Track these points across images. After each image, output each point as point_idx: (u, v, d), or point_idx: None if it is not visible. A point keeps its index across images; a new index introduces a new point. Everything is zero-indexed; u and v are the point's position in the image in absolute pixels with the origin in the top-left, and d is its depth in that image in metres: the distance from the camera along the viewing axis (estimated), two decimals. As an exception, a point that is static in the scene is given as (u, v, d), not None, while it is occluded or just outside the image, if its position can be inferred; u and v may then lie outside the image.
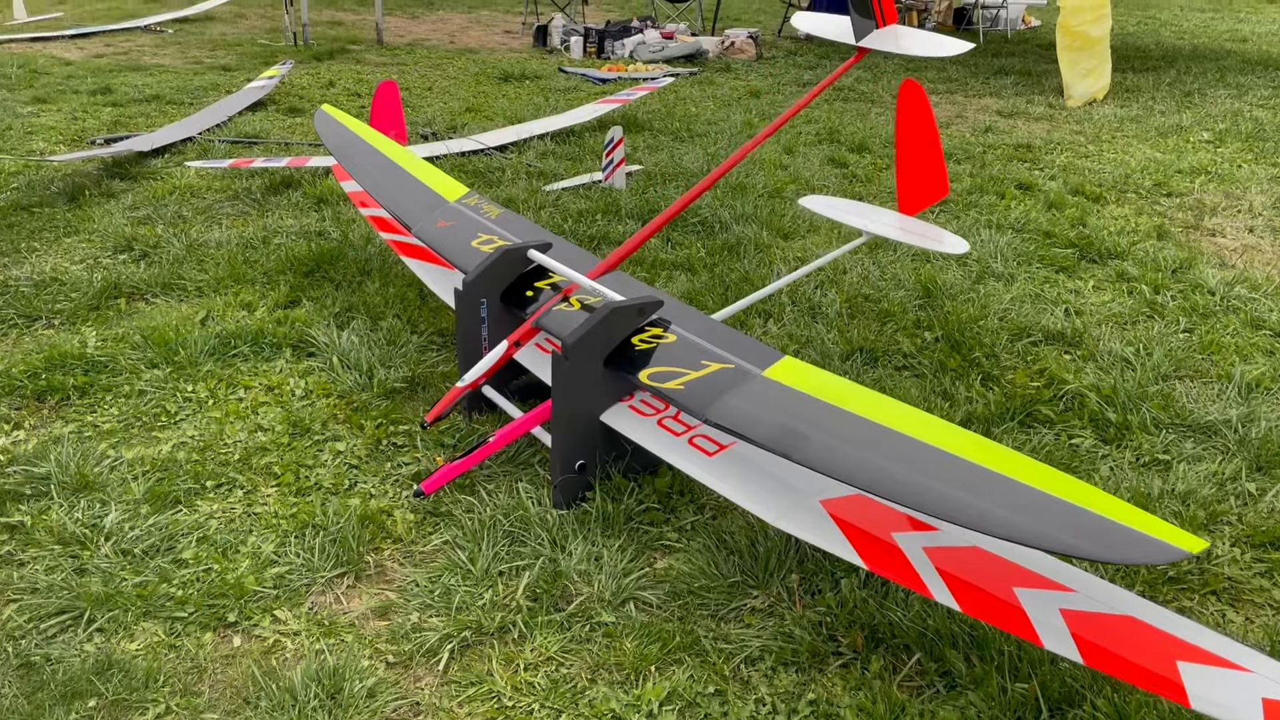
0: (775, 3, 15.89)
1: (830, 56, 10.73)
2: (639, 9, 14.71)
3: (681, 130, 7.11)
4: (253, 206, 5.25)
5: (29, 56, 8.92)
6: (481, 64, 9.75)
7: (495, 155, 6.26)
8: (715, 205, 5.29)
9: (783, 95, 8.58)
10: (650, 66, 9.81)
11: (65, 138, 6.41)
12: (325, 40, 10.65)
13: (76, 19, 11.44)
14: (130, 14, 11.88)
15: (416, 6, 14.16)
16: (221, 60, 9.24)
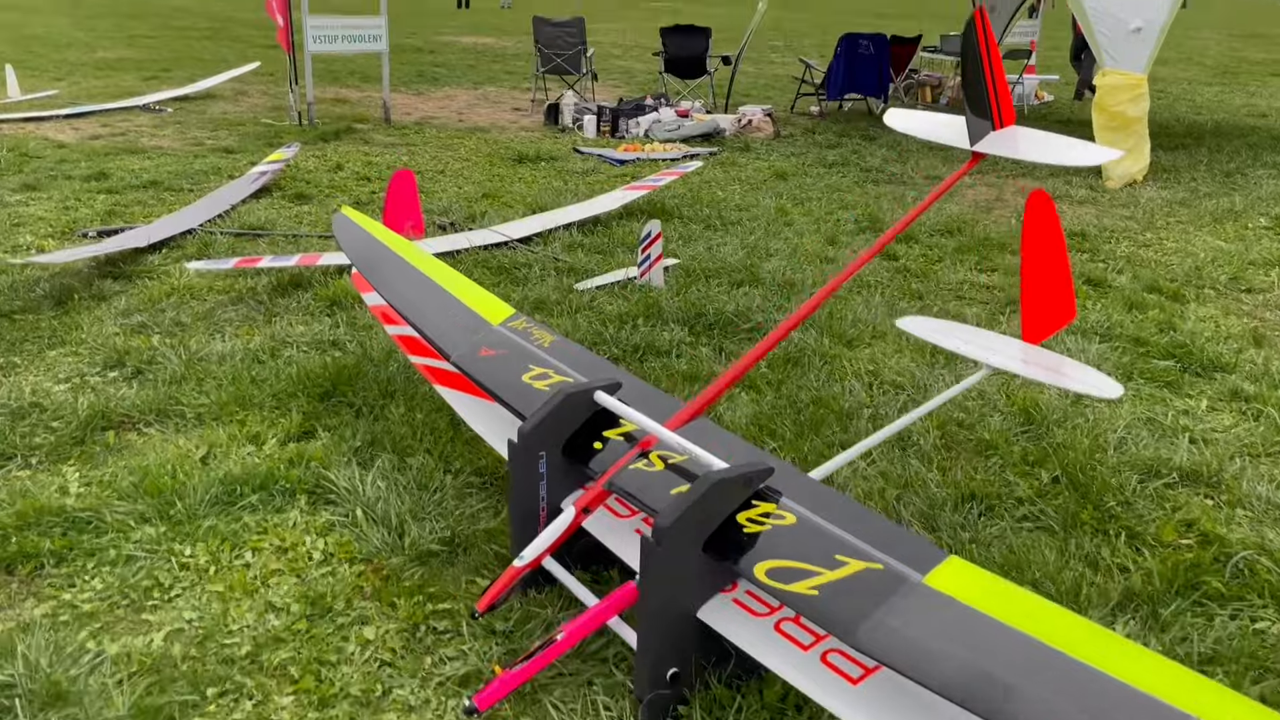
0: (784, 78, 15.71)
1: (849, 134, 10.40)
2: (646, 85, 14.47)
3: (713, 217, 6.68)
4: (259, 310, 4.75)
5: (20, 138, 8.48)
6: (494, 144, 9.37)
7: (519, 248, 5.79)
8: (767, 307, 4.81)
9: (810, 177, 8.19)
10: (667, 146, 9.45)
11: (55, 229, 5.93)
12: (330, 119, 10.28)
13: (72, 97, 11.06)
14: (128, 91, 11.52)
15: (421, 83, 13.87)
16: (223, 141, 8.82)
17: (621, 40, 22.88)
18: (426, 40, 20.60)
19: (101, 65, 14.19)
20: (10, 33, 18.72)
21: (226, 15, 25.96)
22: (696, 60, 12.18)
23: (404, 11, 31.17)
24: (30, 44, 16.74)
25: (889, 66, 11.81)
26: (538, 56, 12.00)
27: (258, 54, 16.24)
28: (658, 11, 36.81)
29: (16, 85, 10.89)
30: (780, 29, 27.57)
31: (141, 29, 20.79)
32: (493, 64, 16.91)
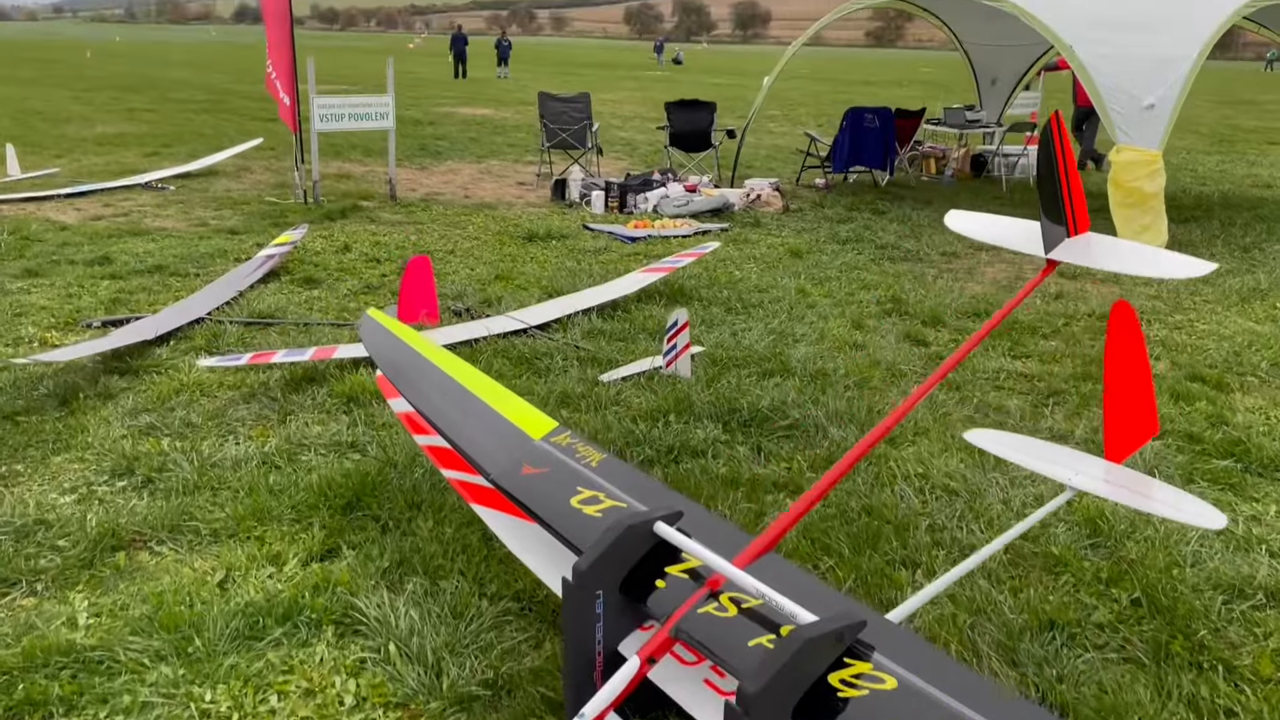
0: (785, 149, 15.77)
1: (858, 207, 10.35)
2: (649, 157, 14.50)
3: (732, 299, 6.55)
4: (272, 408, 4.56)
5: (22, 220, 8.35)
6: (502, 221, 9.28)
7: (539, 336, 5.63)
8: (802, 400, 4.64)
9: (825, 255, 8.09)
10: (677, 222, 9.37)
11: (59, 319, 5.75)
12: (335, 195, 10.20)
13: (73, 175, 10.98)
14: (130, 168, 11.45)
15: (424, 157, 13.86)
16: (228, 222, 8.71)
17: (619, 111, 23.07)
18: (426, 112, 20.73)
19: (102, 141, 14.17)
20: (10, 107, 18.78)
21: (225, 88, 26.18)
22: (701, 134, 12.19)
23: (401, 82, 31.56)
24: (30, 119, 16.76)
25: (894, 139, 11.83)
26: (543, 131, 12.00)
27: (258, 128, 16.28)
28: (652, 82, 37.35)
29: (17, 163, 10.81)
30: (776, 98, 27.82)
31: (141, 102, 20.89)
32: (494, 136, 16.97)
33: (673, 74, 46.92)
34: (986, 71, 13.51)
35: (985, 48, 13.12)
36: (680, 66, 56.31)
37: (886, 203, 10.78)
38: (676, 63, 58.82)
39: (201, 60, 44.85)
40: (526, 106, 22.77)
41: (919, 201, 10.92)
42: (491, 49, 37.96)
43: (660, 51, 61.06)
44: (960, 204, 10.84)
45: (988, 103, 13.56)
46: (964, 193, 11.62)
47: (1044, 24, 8.52)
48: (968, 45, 13.39)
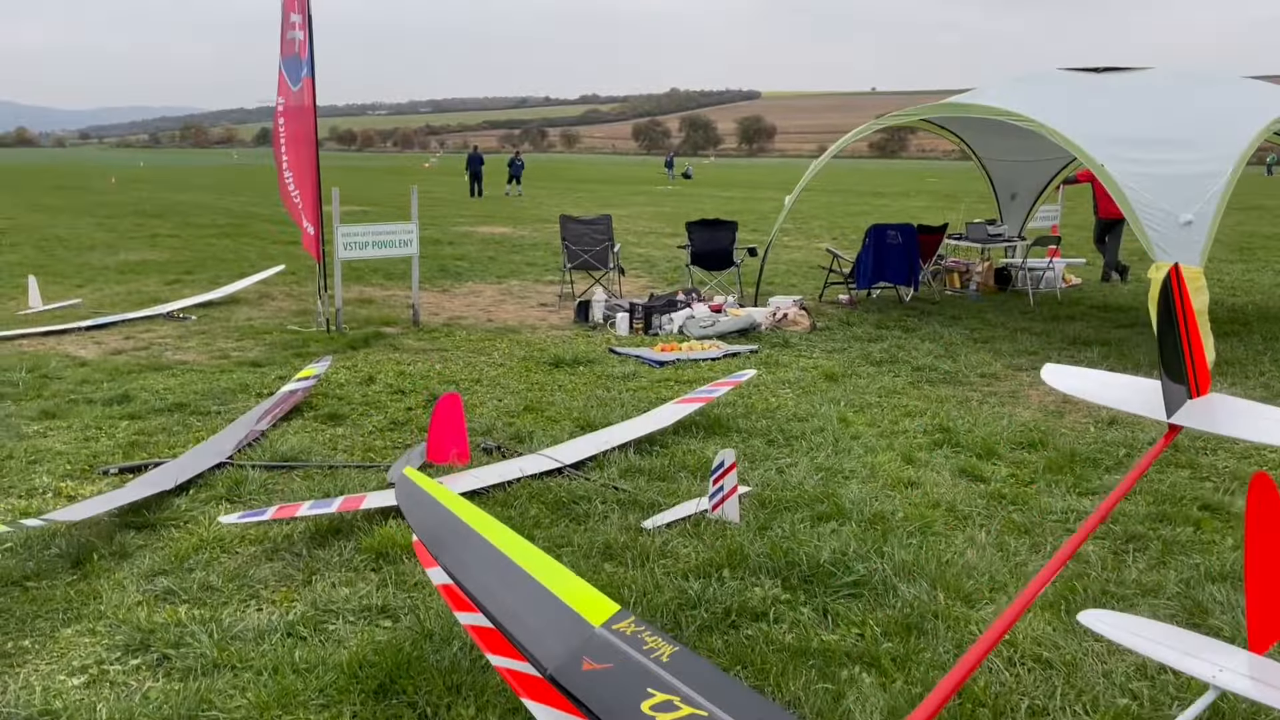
0: (803, 264, 15.73)
1: (887, 325, 10.17)
2: (668, 274, 14.46)
3: (772, 430, 6.28)
4: (296, 566, 4.26)
5: (40, 356, 8.21)
6: (527, 346, 9.10)
7: (574, 475, 5.36)
8: (864, 551, 4.32)
9: (861, 378, 7.84)
10: (705, 344, 9.18)
11: (75, 466, 5.51)
12: (357, 322, 10.08)
13: (95, 305, 10.93)
14: (151, 298, 11.41)
15: (444, 278, 13.84)
16: (250, 353, 8.55)
17: (634, 226, 23.26)
18: (444, 231, 20.93)
19: (124, 269, 14.22)
20: (35, 235, 19.02)
21: (246, 211, 26.63)
22: (723, 253, 12.16)
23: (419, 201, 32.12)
24: (54, 247, 16.92)
25: (918, 255, 11.73)
26: (565, 253, 11.98)
27: (279, 251, 16.39)
28: (663, 196, 37.94)
29: (39, 295, 10.78)
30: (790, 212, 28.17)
31: (163, 228, 21.17)
32: (512, 255, 17.03)
33: (683, 188, 47.78)
34: (1006, 186, 13.51)
35: (1004, 163, 13.16)
36: (690, 180, 57.43)
37: (914, 319, 10.60)
38: (686, 177, 60.00)
39: (223, 183, 45.96)
40: (543, 224, 23.04)
41: (947, 318, 10.74)
42: (505, 166, 38.78)
43: (671, 166, 62.38)
44: (988, 319, 10.71)
45: (1008, 216, 13.53)
46: (990, 307, 11.45)
47: (1073, 142, 8.46)
48: (986, 161, 13.43)
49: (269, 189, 37.90)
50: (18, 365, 7.79)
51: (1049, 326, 10.22)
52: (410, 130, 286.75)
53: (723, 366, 8.30)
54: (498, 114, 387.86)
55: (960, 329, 10.03)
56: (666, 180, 55.90)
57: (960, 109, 10.12)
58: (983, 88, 10.59)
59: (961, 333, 9.82)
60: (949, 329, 10.03)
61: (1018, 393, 7.49)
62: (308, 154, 9.50)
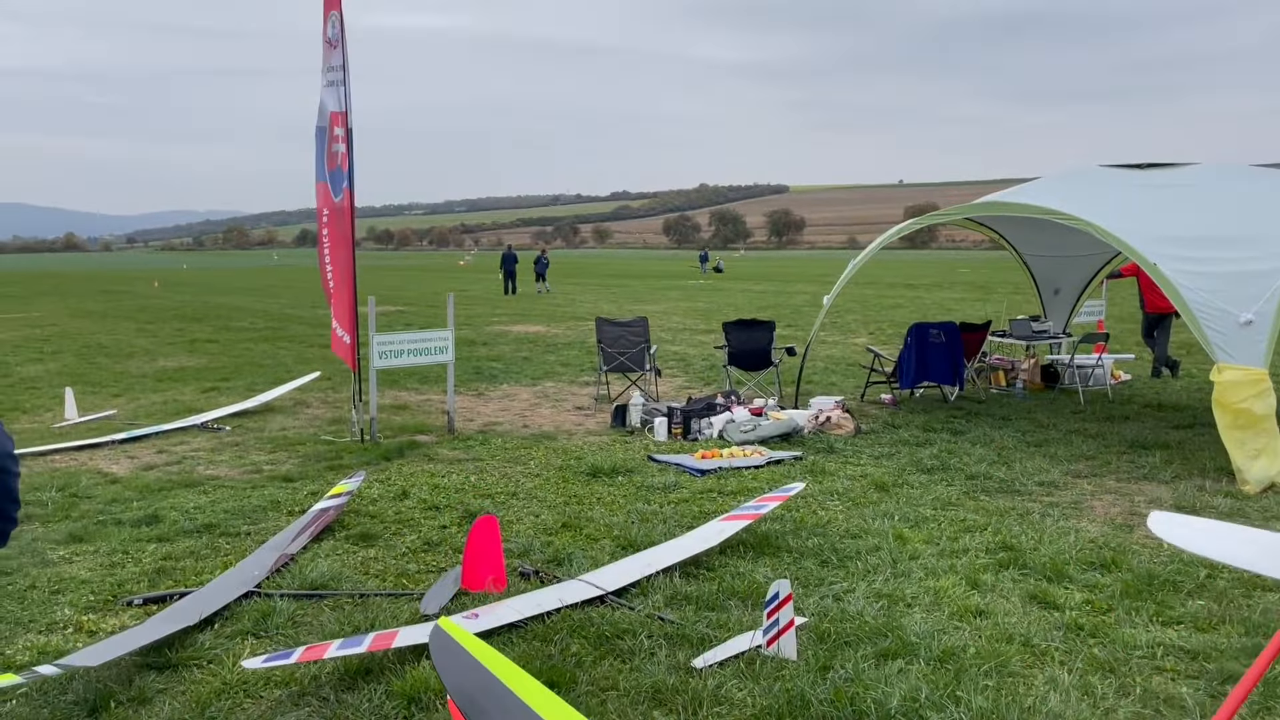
0: (841, 361, 15.49)
1: (934, 427, 9.85)
2: (704, 373, 14.26)
3: (824, 549, 5.95)
4: (324, 714, 3.97)
5: (72, 474, 8.08)
6: (564, 454, 8.87)
7: (616, 604, 5.05)
8: (937, 696, 3.96)
9: (913, 488, 7.51)
10: (746, 450, 8.89)
11: (98, 597, 5.29)
12: (392, 430, 9.92)
13: (130, 415, 10.88)
14: (187, 407, 11.35)
15: (479, 381, 13.72)
16: (282, 467, 8.38)
17: (668, 323, 23.20)
18: (479, 331, 20.96)
19: (162, 376, 14.25)
20: (78, 342, 19.26)
21: (283, 314, 26.93)
22: (761, 353, 11.95)
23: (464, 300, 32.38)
24: (95, 355, 17.08)
25: (961, 354, 11.46)
26: (601, 356, 11.84)
27: (314, 355, 16.42)
28: (696, 291, 38.05)
29: (75, 407, 10.75)
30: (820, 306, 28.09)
31: (202, 332, 21.38)
32: (546, 355, 16.94)
33: (715, 282, 48.01)
34: (1048, 282, 13.28)
35: (1045, 258, 12.94)
36: (721, 274, 57.77)
37: (962, 421, 10.27)
38: (718, 270, 60.38)
39: (263, 285, 46.78)
40: (577, 322, 23.06)
41: (995, 418, 10.40)
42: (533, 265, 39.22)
43: (705, 261, 62.83)
44: (1038, 419, 10.36)
45: (1052, 312, 13.25)
46: (1039, 407, 11.10)
47: (1123, 241, 8.24)
48: (1027, 256, 13.23)
49: (306, 291, 38.51)
50: (49, 483, 7.66)
51: (1104, 428, 9.85)
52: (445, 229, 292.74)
53: (767, 475, 8.00)
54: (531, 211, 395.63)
55: (1011, 431, 9.68)
56: (699, 274, 56.26)
57: (1004, 208, 9.95)
58: (1023, 186, 10.45)
59: (1013, 435, 9.47)
60: (1000, 431, 9.69)
61: (1080, 503, 7.11)
62: (345, 256, 9.51)
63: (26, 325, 23.54)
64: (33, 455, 8.74)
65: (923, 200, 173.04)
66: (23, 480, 7.60)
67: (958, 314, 24.64)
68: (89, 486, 7.61)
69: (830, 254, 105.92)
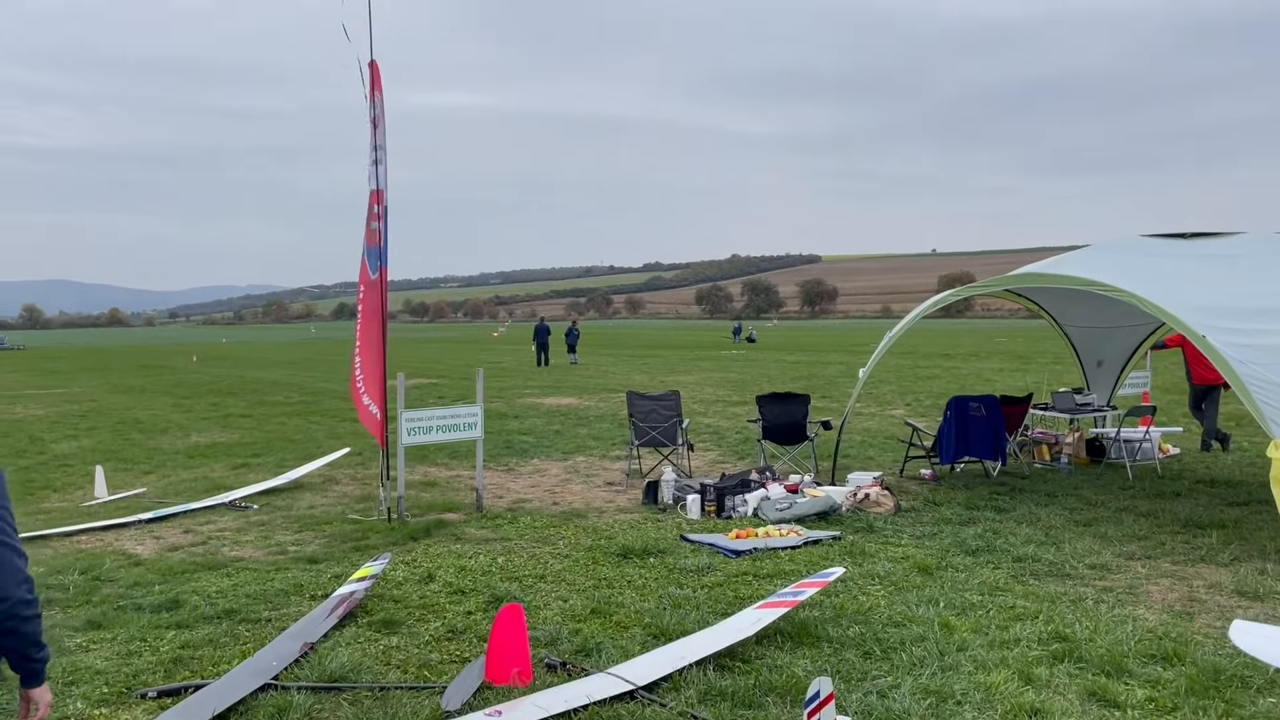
0: (878, 433, 15.19)
1: (976, 505, 9.53)
2: (738, 446, 14.03)
3: (866, 639, 5.66)
4: (337, 822, 3.74)
5: (96, 555, 7.98)
6: (594, 533, 8.65)
7: (647, 700, 4.80)
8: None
9: (958, 571, 7.20)
10: (782, 529, 8.62)
11: (113, 689, 5.12)
12: (420, 508, 9.76)
13: (160, 494, 10.81)
14: (217, 485, 11.28)
15: (509, 456, 13.57)
16: (308, 548, 8.23)
17: (701, 395, 23.01)
18: (510, 404, 20.88)
19: (193, 452, 14.25)
20: (114, 418, 19.40)
21: (318, 388, 27.06)
22: (796, 427, 11.74)
23: (486, 373, 32.40)
24: (130, 431, 17.16)
25: (1003, 427, 11.15)
26: (632, 430, 11.66)
27: (345, 430, 16.38)
28: (729, 361, 37.90)
29: (105, 486, 10.72)
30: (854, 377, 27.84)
31: (237, 407, 21.49)
32: (578, 428, 16.78)
33: (748, 352, 47.86)
34: (1091, 353, 12.97)
35: (1087, 329, 12.67)
36: (754, 344, 57.65)
37: (1005, 498, 9.94)
38: (750, 340, 60.31)
39: (299, 358, 47.26)
40: (609, 394, 22.92)
41: (1041, 494, 10.06)
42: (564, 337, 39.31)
43: (738, 334, 62.70)
44: (1085, 496, 9.98)
45: (1095, 384, 12.93)
46: (1086, 483, 10.74)
47: (1169, 314, 7.99)
48: (1067, 327, 12.96)
49: (341, 364, 38.81)
50: (73, 566, 7.56)
51: (1155, 505, 9.47)
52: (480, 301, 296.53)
53: (804, 557, 7.72)
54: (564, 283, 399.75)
55: (1058, 509, 9.34)
56: (731, 345, 56.19)
57: (1045, 279, 9.75)
58: (1063, 256, 10.25)
59: (1060, 513, 9.13)
60: (1045, 509, 9.35)
61: (1136, 588, 6.77)
62: (376, 330, 9.48)
63: (65, 401, 23.83)
64: (59, 536, 8.66)
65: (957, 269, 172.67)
66: (46, 563, 7.53)
67: (997, 384, 24.27)
68: (112, 569, 7.49)
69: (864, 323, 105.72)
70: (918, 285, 78.13)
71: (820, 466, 11.59)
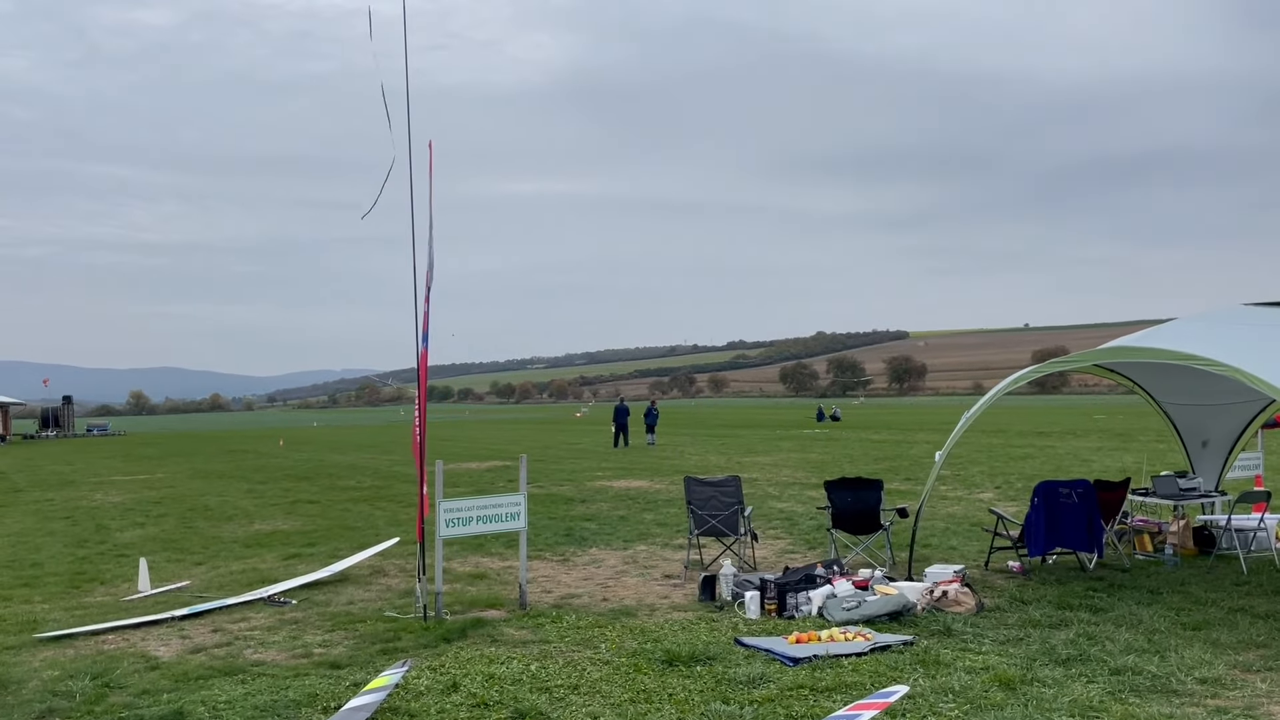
0: (962, 519, 14.19)
1: (1069, 603, 8.60)
2: (812, 535, 13.21)
3: (932, 774, 4.87)
4: None
5: (114, 658, 7.60)
6: (641, 635, 7.98)
7: None
8: None
9: (1046, 686, 6.32)
10: (848, 633, 7.81)
11: (80, 820, 4.66)
12: (461, 603, 9.24)
13: (203, 587, 10.52)
14: (264, 577, 10.95)
15: (567, 544, 12.99)
16: (334, 650, 7.74)
17: (777, 477, 22.16)
18: (579, 488, 20.34)
19: (251, 541, 14.04)
20: (184, 505, 19.48)
21: (391, 471, 26.98)
22: (868, 515, 10.94)
23: (562, 454, 32.01)
24: (196, 519, 17.13)
25: (1098, 515, 10.16)
26: (691, 518, 11.02)
27: (409, 517, 16.04)
28: (810, 441, 36.86)
29: (148, 579, 10.47)
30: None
31: (307, 492, 21.44)
32: (644, 513, 16.17)
33: (832, 431, 46.69)
34: (1194, 433, 11.89)
35: (1189, 407, 11.63)
36: (839, 423, 56.35)
37: (1102, 595, 8.96)
38: (834, 419, 59.03)
39: (383, 441, 47.71)
40: (682, 476, 22.24)
41: (1144, 591, 9.05)
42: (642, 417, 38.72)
43: (822, 418, 61.05)
44: (1194, 594, 8.91)
45: (1201, 466, 11.82)
46: (1194, 577, 9.66)
47: (1277, 388, 7.10)
48: (1166, 404, 11.93)
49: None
50: (87, 670, 7.20)
51: (1275, 605, 8.40)
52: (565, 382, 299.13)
53: (870, 666, 6.93)
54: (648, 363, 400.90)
55: (1162, 609, 8.34)
56: (814, 424, 55.00)
57: (1137, 354, 8.90)
58: (1159, 328, 9.38)
59: (1165, 615, 8.13)
60: (1148, 609, 8.36)
61: (1255, 709, 5.81)
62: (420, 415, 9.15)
63: (145, 487, 24.15)
64: (85, 635, 8.36)
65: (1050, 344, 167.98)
66: (63, 666, 7.18)
67: (1095, 465, 22.86)
68: (126, 674, 7.10)
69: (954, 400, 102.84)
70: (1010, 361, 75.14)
71: (897, 558, 10.74)
